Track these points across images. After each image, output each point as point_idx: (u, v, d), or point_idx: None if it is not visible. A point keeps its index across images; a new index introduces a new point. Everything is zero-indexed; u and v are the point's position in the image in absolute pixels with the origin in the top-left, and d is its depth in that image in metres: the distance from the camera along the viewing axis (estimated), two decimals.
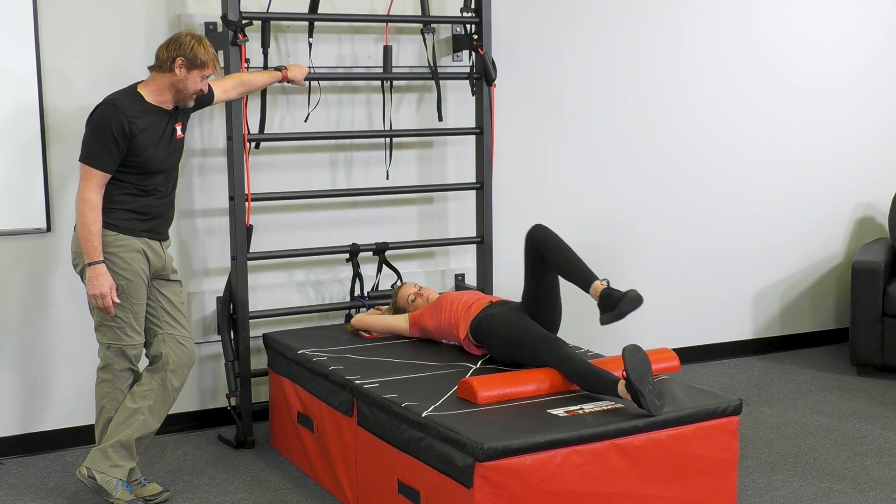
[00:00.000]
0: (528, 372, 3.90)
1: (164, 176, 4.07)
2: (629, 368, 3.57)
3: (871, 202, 6.61)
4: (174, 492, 4.25)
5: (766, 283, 6.37)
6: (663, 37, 5.87)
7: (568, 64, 5.65)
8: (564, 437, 3.43)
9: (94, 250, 3.88)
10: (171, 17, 4.73)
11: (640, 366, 3.58)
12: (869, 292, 5.77)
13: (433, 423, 3.51)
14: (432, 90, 5.21)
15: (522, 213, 5.61)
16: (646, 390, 3.55)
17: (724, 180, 6.15)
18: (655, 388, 3.59)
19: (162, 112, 4.02)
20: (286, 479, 4.42)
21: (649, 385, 3.57)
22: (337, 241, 5.11)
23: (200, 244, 4.95)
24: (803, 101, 6.31)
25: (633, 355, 3.59)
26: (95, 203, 3.88)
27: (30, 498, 4.24)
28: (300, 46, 4.95)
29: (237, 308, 4.73)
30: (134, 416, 4.05)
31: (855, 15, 6.39)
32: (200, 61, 3.96)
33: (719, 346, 6.26)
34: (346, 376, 4.09)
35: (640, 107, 5.86)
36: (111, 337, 4.02)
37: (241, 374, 4.75)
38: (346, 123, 5.16)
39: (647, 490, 3.61)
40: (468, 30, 5.12)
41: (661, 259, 6.01)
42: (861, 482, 4.34)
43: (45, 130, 4.57)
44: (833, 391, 5.61)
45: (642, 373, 3.58)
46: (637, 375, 3.56)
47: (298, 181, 5.05)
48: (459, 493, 3.37)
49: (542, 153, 5.65)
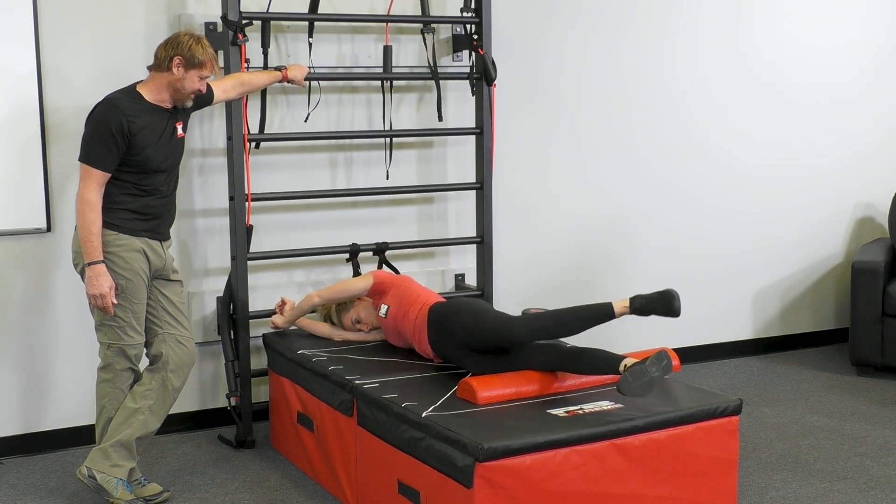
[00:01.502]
0: (528, 372, 3.89)
1: (164, 175, 4.06)
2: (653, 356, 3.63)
3: (871, 202, 6.61)
4: (174, 492, 4.25)
5: (766, 283, 6.37)
6: (663, 37, 5.87)
7: (568, 64, 5.65)
8: (564, 437, 3.43)
9: (94, 250, 3.88)
10: (171, 17, 4.73)
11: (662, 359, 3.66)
12: (869, 292, 5.77)
13: (433, 423, 3.51)
14: (432, 90, 5.21)
15: (522, 213, 5.62)
16: (652, 369, 3.59)
17: (724, 180, 6.15)
18: (652, 378, 3.61)
19: (161, 111, 4.02)
20: (286, 479, 4.42)
21: (658, 370, 3.61)
22: (337, 241, 5.11)
23: (200, 244, 4.95)
24: (803, 101, 6.31)
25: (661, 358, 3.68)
26: (95, 202, 3.88)
27: (30, 498, 4.24)
28: (300, 46, 4.95)
29: (237, 308, 4.73)
30: (134, 415, 4.05)
31: (855, 15, 6.39)
32: (198, 61, 3.96)
33: (719, 346, 6.26)
34: (345, 376, 4.09)
35: (640, 107, 5.86)
36: (111, 336, 4.02)
37: (241, 374, 4.75)
38: (346, 123, 5.16)
39: (646, 490, 3.61)
40: (468, 30, 5.12)
41: (661, 259, 6.01)
42: (861, 482, 4.34)
43: (45, 130, 4.57)
44: (833, 391, 5.61)
45: (661, 363, 3.63)
46: (656, 357, 3.63)
47: (298, 181, 5.05)
48: (459, 493, 3.37)
49: (542, 153, 5.65)
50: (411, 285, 4.47)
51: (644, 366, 3.61)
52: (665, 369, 3.65)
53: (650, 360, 3.63)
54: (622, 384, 3.60)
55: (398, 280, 4.54)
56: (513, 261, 5.57)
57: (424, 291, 4.44)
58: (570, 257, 5.76)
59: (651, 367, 3.61)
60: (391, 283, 4.51)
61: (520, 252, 5.61)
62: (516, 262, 5.61)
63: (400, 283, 4.50)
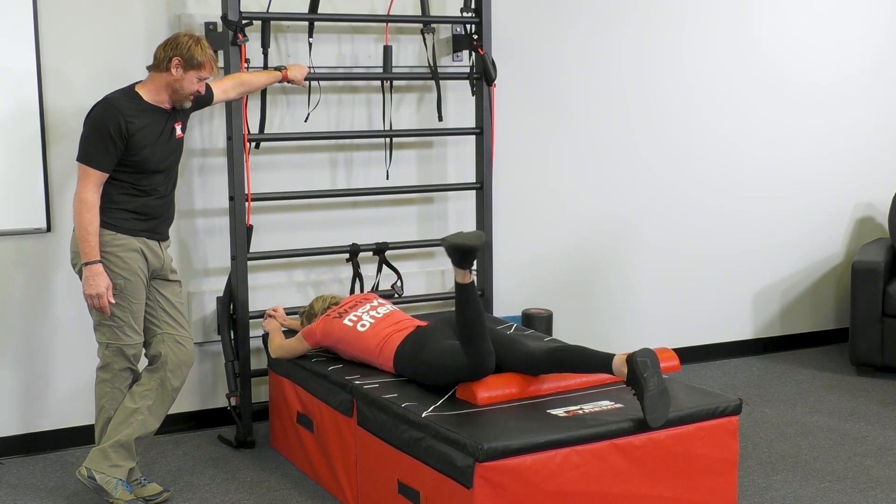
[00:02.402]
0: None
1: (162, 176, 4.06)
2: (636, 352, 3.53)
3: (871, 202, 6.61)
4: (174, 492, 4.25)
5: (766, 283, 6.37)
6: (663, 37, 5.87)
7: (568, 64, 5.65)
8: (564, 438, 3.43)
9: (91, 250, 3.88)
10: (171, 17, 4.73)
11: (647, 355, 3.56)
12: (869, 292, 5.77)
13: (433, 424, 3.51)
14: (432, 90, 5.21)
15: (522, 213, 5.62)
16: (655, 379, 3.49)
17: (725, 180, 6.15)
18: (660, 382, 3.53)
19: (160, 111, 4.01)
20: (286, 479, 4.42)
21: (655, 376, 3.51)
22: (337, 241, 5.11)
23: (200, 244, 4.95)
24: (803, 101, 6.31)
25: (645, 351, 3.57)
26: (93, 203, 3.88)
27: (30, 498, 4.24)
28: (300, 46, 4.95)
29: (237, 308, 4.73)
30: (133, 415, 4.05)
31: (855, 15, 6.39)
32: (197, 62, 3.95)
33: (719, 346, 6.26)
34: (345, 376, 4.09)
35: (640, 107, 5.86)
36: (110, 336, 4.02)
37: (241, 374, 4.74)
38: (346, 123, 5.16)
39: (646, 490, 3.61)
40: (468, 30, 5.12)
41: (661, 259, 6.01)
42: (861, 482, 4.34)
43: (45, 130, 4.57)
44: (833, 391, 5.61)
45: (649, 360, 3.53)
46: (641, 357, 3.52)
47: (298, 181, 5.05)
48: (459, 494, 3.37)
49: (543, 153, 5.65)
50: (349, 335, 4.23)
51: (650, 390, 3.48)
52: (656, 369, 3.53)
53: (643, 373, 3.49)
54: (653, 418, 3.49)
55: (328, 332, 4.30)
56: (513, 261, 5.57)
57: (367, 339, 4.19)
58: (570, 257, 5.76)
59: (652, 382, 3.49)
60: (323, 338, 4.31)
61: (520, 252, 5.61)
62: (516, 262, 5.61)
63: (331, 333, 4.28)
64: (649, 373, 3.51)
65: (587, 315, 5.85)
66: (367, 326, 4.22)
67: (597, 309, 5.88)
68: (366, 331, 4.20)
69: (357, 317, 4.28)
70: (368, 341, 4.17)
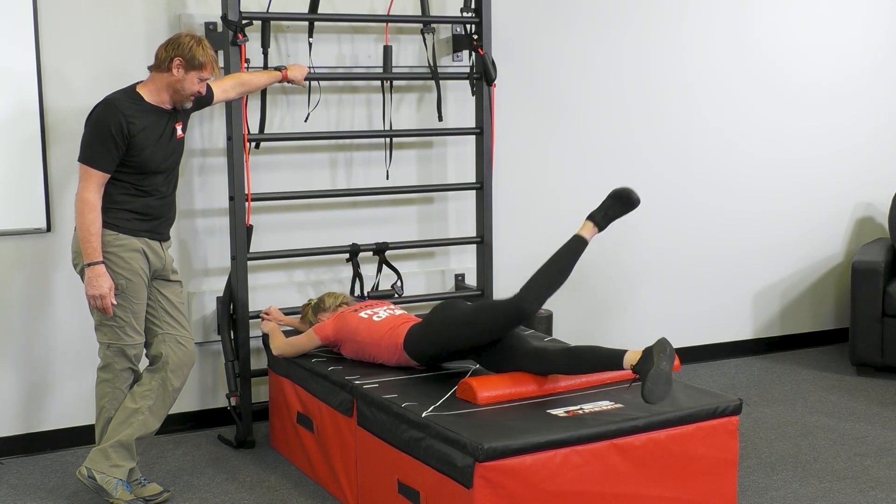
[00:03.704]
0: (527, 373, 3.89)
1: (163, 176, 4.06)
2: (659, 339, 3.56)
3: (871, 202, 6.61)
4: (174, 492, 4.25)
5: (766, 283, 6.37)
6: (663, 37, 5.87)
7: (568, 64, 5.65)
8: (564, 438, 3.43)
9: (94, 251, 3.88)
10: (172, 18, 4.73)
11: (668, 344, 3.56)
12: (869, 292, 5.77)
13: (433, 424, 3.51)
14: (432, 90, 5.21)
15: (522, 213, 5.62)
16: (664, 364, 3.49)
17: (725, 180, 6.15)
18: (669, 370, 3.51)
19: (161, 112, 4.02)
20: (286, 479, 4.42)
21: (666, 361, 3.50)
22: (337, 241, 5.11)
23: (200, 244, 4.95)
24: (803, 101, 6.31)
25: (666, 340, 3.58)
26: (94, 203, 3.88)
27: (30, 498, 4.24)
28: (300, 46, 4.95)
29: (237, 308, 4.73)
30: (134, 416, 4.05)
31: (855, 15, 6.39)
32: (198, 62, 3.95)
33: (719, 346, 6.26)
34: (345, 376, 4.09)
35: (641, 107, 5.86)
36: (111, 336, 4.02)
37: (241, 374, 4.75)
38: (346, 123, 5.16)
39: (646, 490, 3.61)
40: (468, 30, 5.12)
41: (661, 259, 6.01)
42: (861, 482, 4.34)
43: (45, 130, 4.57)
44: (833, 391, 5.61)
45: (668, 349, 3.54)
46: (662, 342, 3.54)
47: (298, 181, 5.05)
48: (459, 494, 3.37)
49: (543, 153, 5.65)
50: (362, 324, 4.29)
51: (659, 368, 3.48)
52: (670, 358, 3.53)
53: (658, 354, 3.51)
54: (649, 394, 3.47)
55: (342, 326, 4.35)
56: (513, 261, 5.56)
57: (381, 326, 4.27)
58: None
59: (663, 364, 3.49)
60: (335, 333, 4.36)
61: (520, 252, 5.60)
62: (516, 262, 5.59)
63: (345, 326, 4.33)
64: (664, 356, 3.51)
65: (587, 315, 5.85)
66: (384, 318, 4.32)
67: (597, 309, 5.88)
68: (381, 321, 4.30)
69: (373, 311, 4.39)
70: (382, 326, 4.25)
